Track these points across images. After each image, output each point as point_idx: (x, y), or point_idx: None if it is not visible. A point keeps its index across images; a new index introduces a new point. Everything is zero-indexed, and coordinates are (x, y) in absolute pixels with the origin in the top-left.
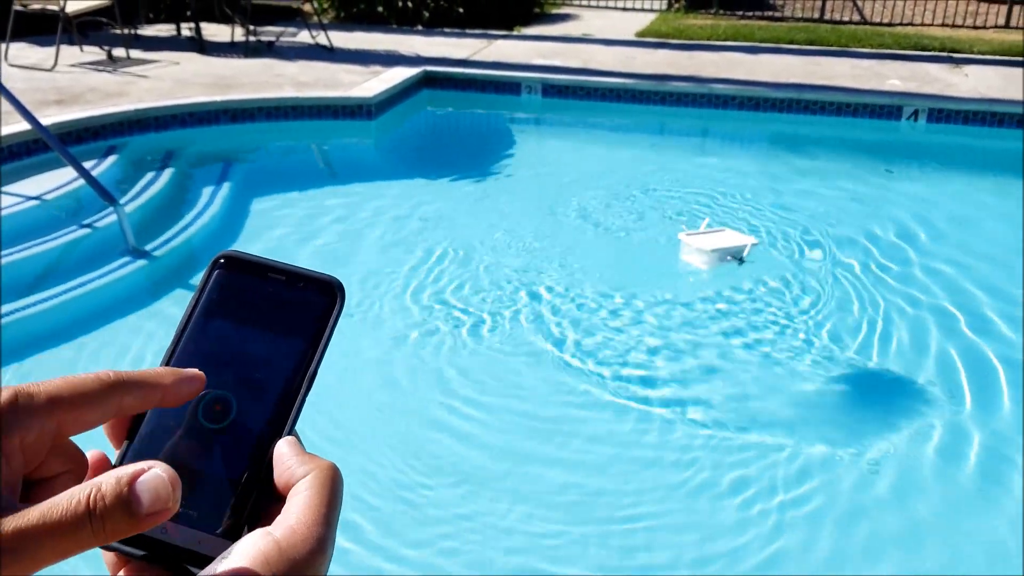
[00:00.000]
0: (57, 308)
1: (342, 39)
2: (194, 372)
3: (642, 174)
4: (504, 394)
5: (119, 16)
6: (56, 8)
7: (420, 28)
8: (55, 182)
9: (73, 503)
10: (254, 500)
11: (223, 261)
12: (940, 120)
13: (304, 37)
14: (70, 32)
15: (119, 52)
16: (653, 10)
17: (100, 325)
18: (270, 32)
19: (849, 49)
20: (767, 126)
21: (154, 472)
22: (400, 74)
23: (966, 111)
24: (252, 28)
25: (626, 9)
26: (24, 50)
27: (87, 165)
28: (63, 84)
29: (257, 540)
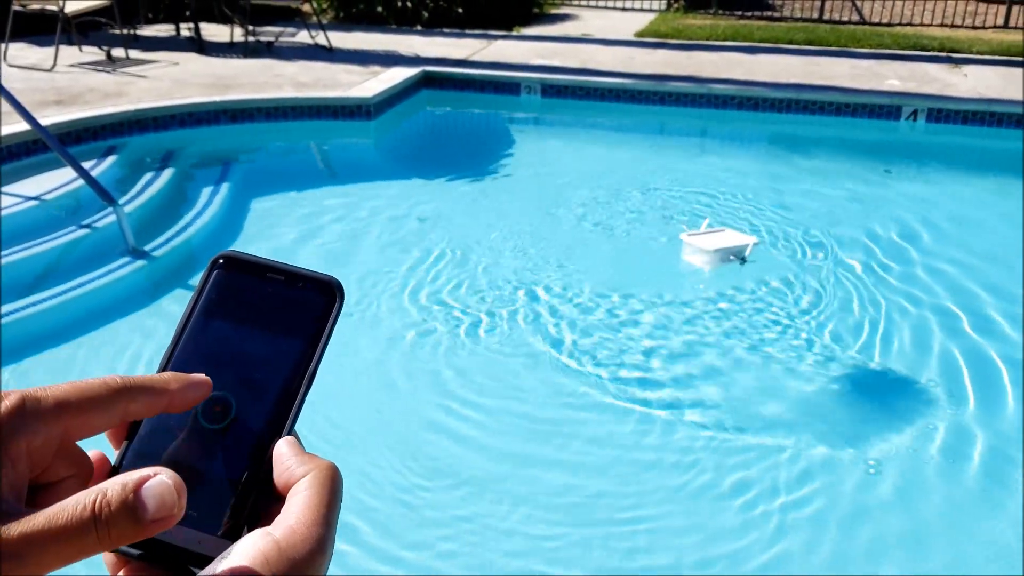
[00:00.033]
0: (56, 308)
1: (341, 39)
2: (200, 378)
3: (641, 174)
4: (504, 395)
5: (118, 16)
6: (55, 8)
7: (419, 28)
8: (54, 182)
9: (79, 509)
10: (254, 500)
11: (222, 261)
12: (939, 120)
13: (303, 37)
14: (69, 32)
15: (118, 52)
16: (652, 10)
17: (99, 325)
18: (269, 32)
19: (848, 49)
20: (766, 126)
21: (160, 479)
22: (399, 74)
23: (965, 111)
24: (251, 28)
25: (625, 9)
26: (23, 50)
27: (86, 165)
28: (62, 84)
29: (257, 540)
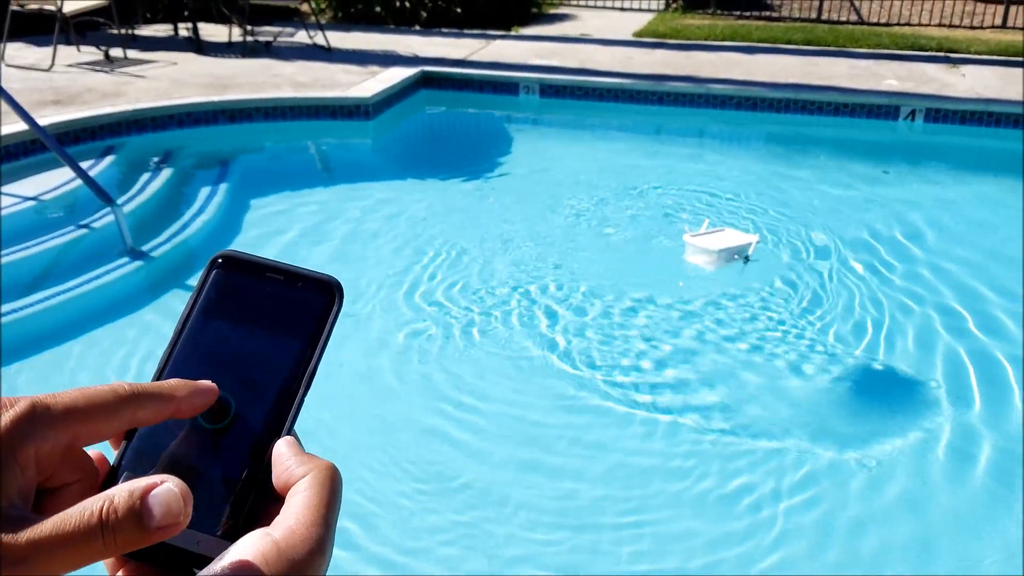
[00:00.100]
0: (55, 308)
1: (340, 39)
2: (207, 385)
3: (640, 174)
4: (504, 398)
5: (116, 16)
6: (53, 8)
7: (418, 28)
8: (53, 182)
9: (86, 515)
10: (253, 500)
11: (221, 261)
12: (937, 120)
13: (302, 37)
14: (67, 32)
15: (116, 52)
16: (651, 10)
17: (98, 325)
18: (268, 32)
19: (846, 49)
20: (765, 126)
21: (167, 486)
22: (398, 74)
23: (963, 111)
24: (250, 28)
25: (624, 9)
26: (21, 50)
27: (84, 165)
28: (60, 84)
29: (256, 540)
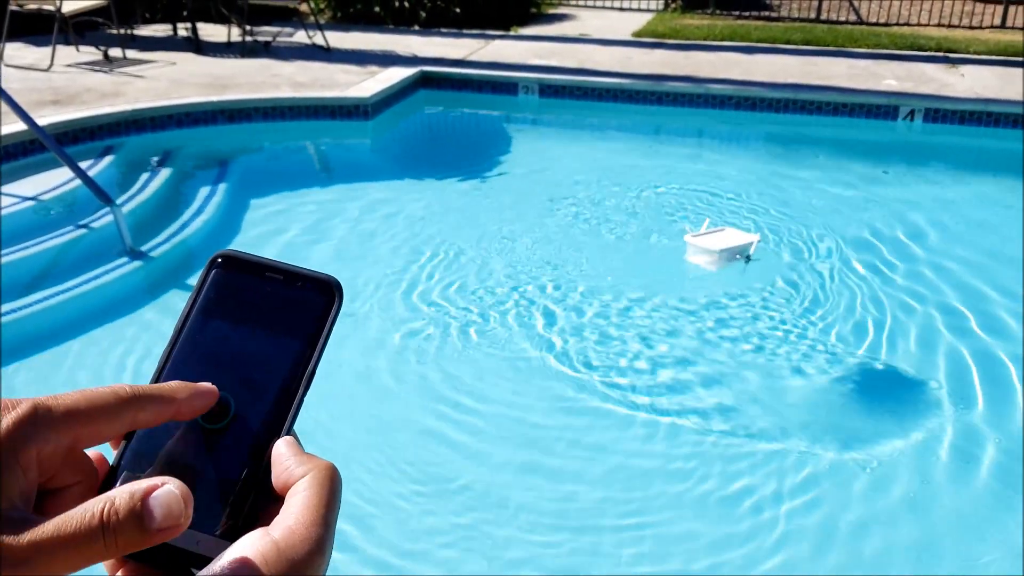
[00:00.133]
0: (54, 308)
1: (339, 39)
2: (207, 387)
3: (640, 174)
4: (503, 399)
5: (115, 16)
6: (52, 8)
7: (417, 28)
8: (52, 182)
9: (87, 517)
10: (252, 500)
11: (220, 260)
12: (936, 120)
13: (301, 37)
14: (66, 32)
15: (115, 52)
16: (650, 10)
17: (97, 325)
18: (267, 32)
19: (845, 49)
20: (764, 126)
21: (167, 488)
22: (397, 74)
23: (962, 111)
24: (249, 28)
25: (623, 9)
26: (20, 50)
27: (83, 165)
28: (59, 84)
29: (255, 540)
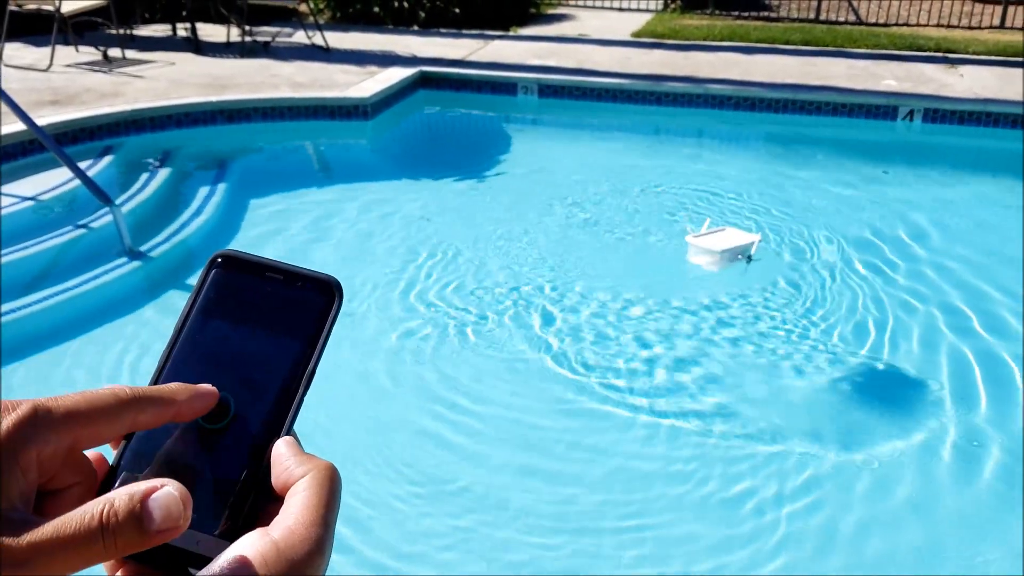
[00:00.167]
0: (53, 309)
1: (338, 39)
2: (207, 388)
3: (639, 174)
4: (502, 400)
5: (115, 16)
6: (52, 8)
7: (416, 28)
8: (51, 182)
9: (86, 518)
10: (252, 501)
11: (220, 260)
12: (935, 120)
13: (300, 37)
14: (66, 32)
15: (115, 52)
16: (649, 10)
17: (96, 326)
18: (266, 32)
19: (845, 49)
20: (763, 126)
21: (167, 490)
22: (396, 74)
23: (961, 111)
24: (248, 28)
25: (622, 9)
26: (20, 50)
27: (83, 165)
28: (59, 84)
29: (255, 541)
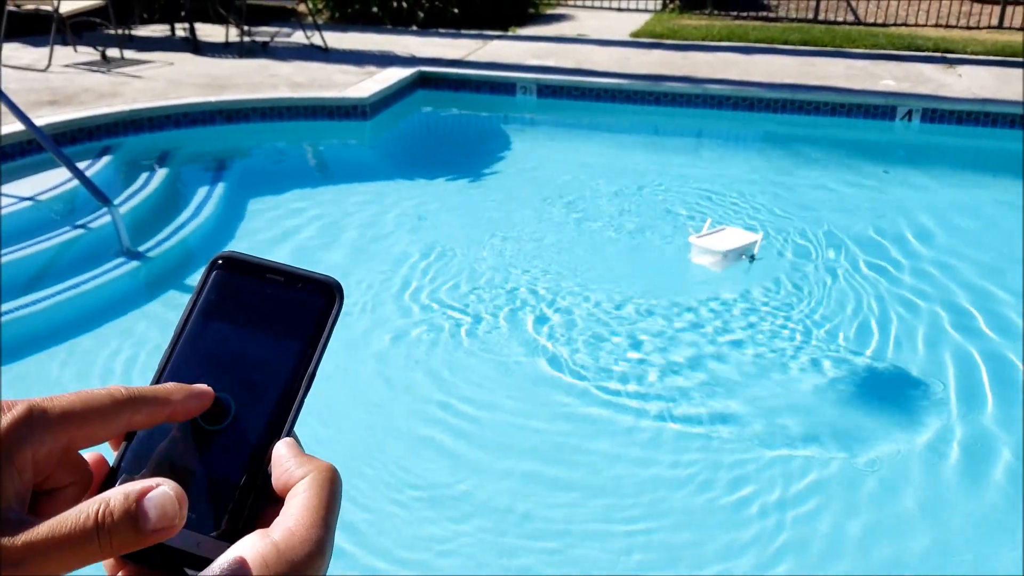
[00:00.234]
0: (51, 309)
1: (337, 39)
2: (203, 389)
3: (638, 174)
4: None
5: (113, 16)
6: (50, 8)
7: (415, 28)
8: (49, 183)
9: (82, 518)
10: (252, 502)
11: (221, 262)
12: (934, 120)
13: (299, 37)
14: (64, 32)
15: (113, 52)
16: (648, 11)
17: (95, 326)
18: (265, 32)
19: (843, 49)
20: (762, 126)
21: (162, 489)
22: (395, 74)
23: (960, 111)
24: (246, 28)
25: (621, 10)
26: (18, 50)
27: (81, 166)
28: (57, 84)
29: (255, 542)
